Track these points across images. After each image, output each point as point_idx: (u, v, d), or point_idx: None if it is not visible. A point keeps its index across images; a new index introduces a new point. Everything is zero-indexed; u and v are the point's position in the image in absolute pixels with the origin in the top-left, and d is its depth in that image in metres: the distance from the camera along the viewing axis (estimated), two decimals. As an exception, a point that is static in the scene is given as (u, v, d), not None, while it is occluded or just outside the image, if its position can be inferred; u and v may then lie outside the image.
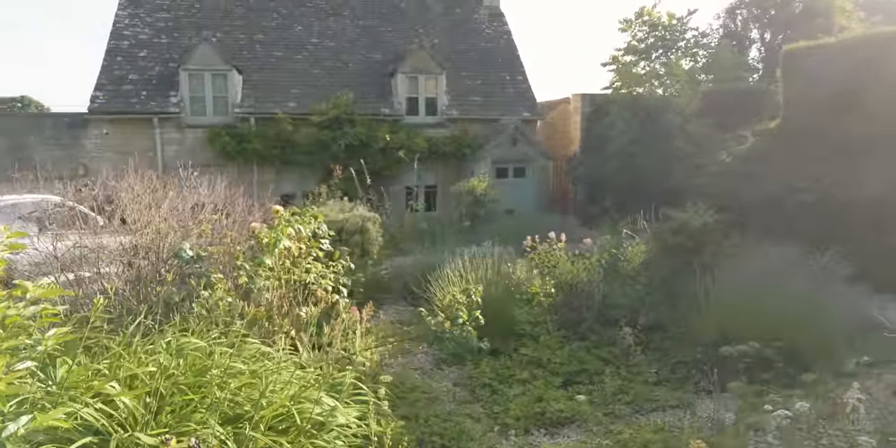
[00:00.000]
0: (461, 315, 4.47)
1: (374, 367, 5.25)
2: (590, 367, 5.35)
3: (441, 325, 4.39)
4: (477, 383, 5.14)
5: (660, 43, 15.12)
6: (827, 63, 10.70)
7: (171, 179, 6.65)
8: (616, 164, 12.81)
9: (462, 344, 4.41)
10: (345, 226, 7.56)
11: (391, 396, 4.89)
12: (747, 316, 5.21)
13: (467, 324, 4.41)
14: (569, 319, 6.31)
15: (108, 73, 14.50)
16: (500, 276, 7.03)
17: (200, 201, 6.00)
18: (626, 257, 6.53)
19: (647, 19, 15.53)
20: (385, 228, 12.02)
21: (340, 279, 4.98)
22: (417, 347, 6.28)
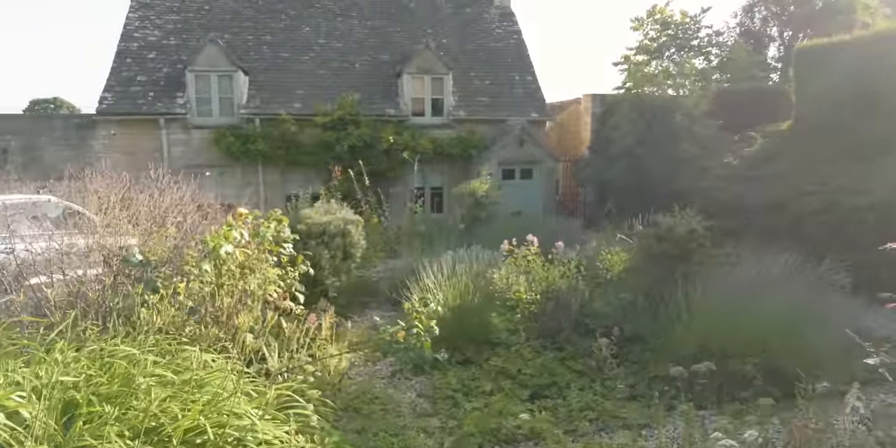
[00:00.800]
0: (416, 325, 4.29)
1: (335, 377, 5.11)
2: (561, 380, 5.11)
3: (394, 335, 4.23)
4: (441, 395, 4.96)
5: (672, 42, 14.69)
6: (841, 61, 10.25)
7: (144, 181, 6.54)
8: (621, 165, 12.47)
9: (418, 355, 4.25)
10: (327, 228, 7.43)
11: (349, 408, 4.76)
12: (728, 329, 4.91)
13: (422, 334, 4.23)
14: (549, 328, 6.07)
15: (116, 75, 14.70)
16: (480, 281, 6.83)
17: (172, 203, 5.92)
18: (604, 264, 6.25)
19: (660, 18, 15.12)
20: (383, 230, 11.98)
21: (295, 285, 4.82)
22: (386, 356, 6.12)
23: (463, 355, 5.66)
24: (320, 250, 7.27)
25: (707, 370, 4.84)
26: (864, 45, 9.89)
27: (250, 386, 3.94)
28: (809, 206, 8.02)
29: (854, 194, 7.63)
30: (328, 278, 7.32)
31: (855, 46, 10.05)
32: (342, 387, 5.06)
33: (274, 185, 15.45)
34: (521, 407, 4.64)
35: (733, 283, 5.66)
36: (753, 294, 5.36)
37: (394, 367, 5.38)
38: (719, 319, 5.03)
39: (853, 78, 9.93)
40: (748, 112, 12.62)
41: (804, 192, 8.29)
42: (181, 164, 14.84)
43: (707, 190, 9.92)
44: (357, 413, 4.63)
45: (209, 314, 4.21)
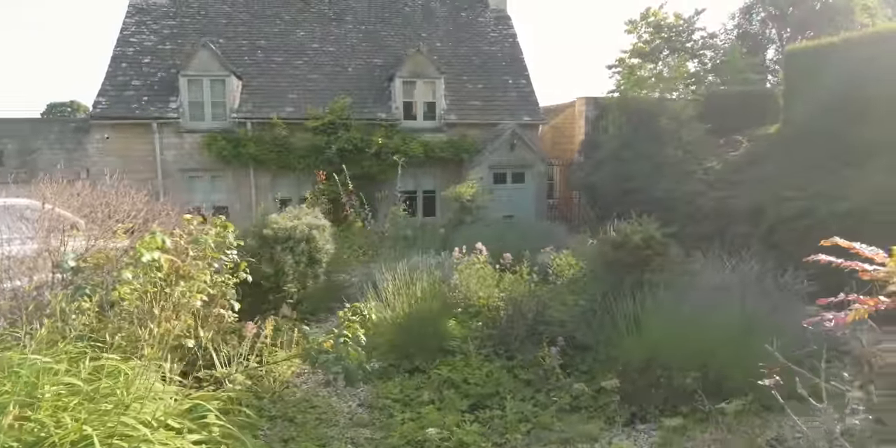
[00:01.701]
0: (345, 334, 4.24)
1: (278, 385, 5.08)
2: (504, 390, 5.02)
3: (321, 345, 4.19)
4: (380, 404, 4.90)
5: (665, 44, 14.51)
6: (830, 63, 10.05)
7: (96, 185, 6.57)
8: (608, 170, 12.33)
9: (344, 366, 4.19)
10: (293, 234, 7.42)
11: (285, 416, 4.72)
12: (675, 340, 4.79)
13: (347, 344, 4.18)
14: (506, 335, 5.99)
15: (112, 80, 14.89)
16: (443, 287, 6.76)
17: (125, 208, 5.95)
18: (553, 270, 6.14)
19: (653, 20, 14.97)
20: (366, 234, 11.96)
21: (229, 293, 4.79)
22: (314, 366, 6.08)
23: (412, 363, 5.61)
24: (284, 256, 7.26)
25: (652, 382, 4.75)
26: (853, 47, 9.68)
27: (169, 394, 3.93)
28: (786, 211, 7.84)
29: (831, 200, 7.44)
30: (293, 284, 7.30)
31: (843, 48, 9.85)
32: (283, 394, 5.02)
33: (265, 188, 15.53)
34: (457, 417, 4.56)
35: (691, 291, 5.53)
36: (708, 304, 5.22)
37: (327, 377, 5.34)
38: (668, 330, 4.90)
39: (841, 81, 9.73)
40: (738, 115, 12.41)
41: (783, 198, 8.11)
42: (174, 168, 15.04)
43: (687, 195, 9.76)
44: (291, 422, 4.59)
45: (138, 321, 4.21)
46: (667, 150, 11.26)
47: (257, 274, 7.27)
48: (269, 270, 7.28)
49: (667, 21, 15.35)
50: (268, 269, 7.28)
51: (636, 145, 11.80)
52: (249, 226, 8.24)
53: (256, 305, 7.24)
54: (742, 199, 8.79)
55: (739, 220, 8.74)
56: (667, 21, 15.35)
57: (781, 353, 4.86)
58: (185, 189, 15.21)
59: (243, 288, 7.35)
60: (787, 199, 8.01)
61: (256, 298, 7.27)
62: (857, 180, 7.73)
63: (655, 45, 14.98)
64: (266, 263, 7.33)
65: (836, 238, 3.46)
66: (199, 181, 15.36)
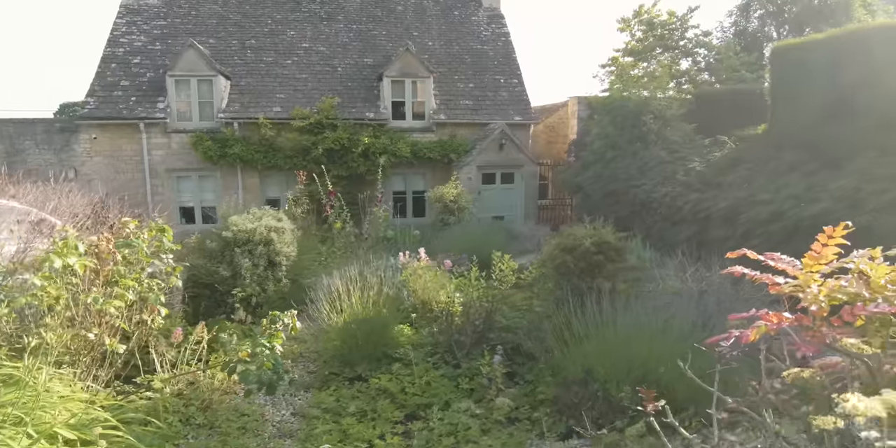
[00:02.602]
0: (263, 343, 4.13)
1: (206, 394, 4.97)
2: (440, 401, 4.87)
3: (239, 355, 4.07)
4: (312, 414, 4.78)
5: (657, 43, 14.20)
6: (814, 61, 9.75)
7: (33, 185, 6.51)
8: (594, 170, 12.11)
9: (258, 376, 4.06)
10: (252, 236, 7.32)
11: (213, 424, 4.61)
12: (612, 351, 4.61)
13: (262, 355, 4.06)
14: (456, 342, 5.84)
15: (101, 80, 14.93)
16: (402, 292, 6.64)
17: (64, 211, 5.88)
18: (497, 276, 5.96)
19: (645, 18, 14.65)
20: (345, 235, 11.84)
21: (153, 297, 4.68)
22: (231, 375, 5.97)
23: (354, 371, 5.48)
24: (241, 259, 7.17)
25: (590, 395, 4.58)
26: (837, 44, 9.36)
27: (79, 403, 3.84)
28: (759, 215, 7.59)
29: (801, 204, 7.18)
30: (251, 287, 7.20)
31: (828, 46, 9.53)
32: (218, 401, 4.91)
33: (253, 188, 15.49)
34: (384, 429, 4.43)
35: (641, 299, 5.34)
36: (655, 313, 5.03)
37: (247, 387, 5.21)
38: (606, 341, 4.72)
39: (825, 79, 9.42)
40: (729, 115, 12.12)
41: (757, 201, 7.86)
42: (161, 168, 15.06)
43: (667, 197, 9.53)
44: (216, 430, 4.48)
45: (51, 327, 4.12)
46: (652, 151, 11.02)
47: (216, 277, 7.21)
48: (227, 273, 7.20)
49: (660, 18, 15.04)
50: (225, 272, 7.21)
51: (621, 145, 11.57)
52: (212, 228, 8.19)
53: (213, 309, 7.18)
54: (720, 201, 8.55)
55: (717, 224, 8.50)
56: (660, 18, 15.04)
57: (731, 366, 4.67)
58: (173, 189, 15.25)
59: (201, 291, 7.31)
60: (761, 202, 7.75)
61: (213, 302, 7.21)
62: (832, 182, 7.46)
63: (648, 44, 14.67)
64: (224, 266, 7.25)
65: (745, 249, 3.28)
66: (186, 181, 15.37)
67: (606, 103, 12.00)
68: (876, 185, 7.00)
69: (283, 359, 6.22)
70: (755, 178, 8.82)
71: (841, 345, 2.38)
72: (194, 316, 7.01)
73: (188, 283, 7.33)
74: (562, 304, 5.51)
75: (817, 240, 2.82)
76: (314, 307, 6.14)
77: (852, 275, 2.81)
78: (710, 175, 9.54)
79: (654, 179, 10.22)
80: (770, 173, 8.99)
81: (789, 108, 10.21)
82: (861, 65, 8.86)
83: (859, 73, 8.89)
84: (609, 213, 11.39)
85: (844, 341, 2.37)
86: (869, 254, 2.90)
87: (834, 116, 9.31)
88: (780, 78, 10.52)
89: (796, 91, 10.10)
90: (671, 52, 14.63)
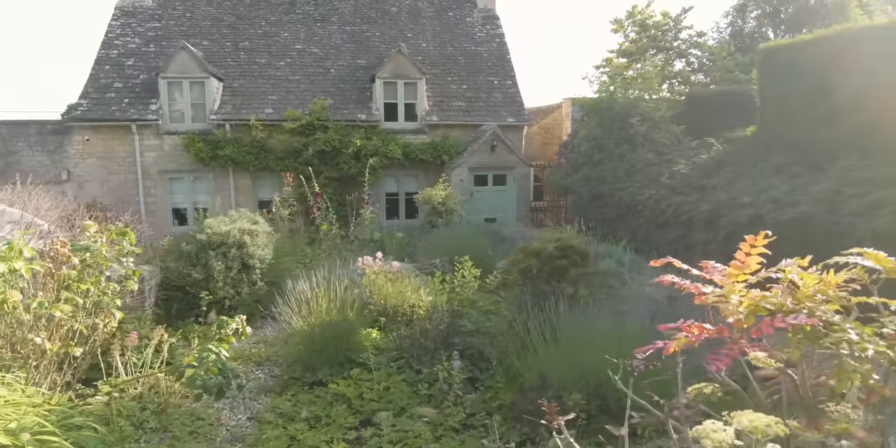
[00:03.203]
0: (210, 349, 4.10)
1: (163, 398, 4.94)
2: (395, 406, 4.83)
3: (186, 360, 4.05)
4: (267, 419, 4.75)
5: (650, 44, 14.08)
6: (801, 62, 9.64)
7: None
8: (583, 172, 12.03)
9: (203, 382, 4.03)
10: (226, 239, 7.31)
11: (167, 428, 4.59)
12: (566, 358, 4.55)
13: (206, 359, 4.04)
14: (420, 347, 5.79)
15: (94, 82, 15.01)
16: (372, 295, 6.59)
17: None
18: (458, 281, 5.90)
19: (638, 19, 14.53)
20: (331, 237, 11.82)
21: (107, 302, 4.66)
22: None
23: (315, 376, 5.45)
24: (214, 261, 7.16)
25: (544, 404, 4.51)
26: (825, 44, 9.24)
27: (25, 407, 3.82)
28: (739, 219, 7.49)
29: (780, 207, 7.07)
30: (224, 290, 7.19)
31: (816, 46, 9.41)
32: (177, 405, 4.89)
33: (246, 190, 15.53)
34: (335, 435, 4.39)
35: (603, 304, 5.27)
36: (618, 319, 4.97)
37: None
38: (562, 348, 4.66)
39: (813, 80, 9.32)
40: (720, 116, 12.00)
41: (737, 204, 7.76)
42: (154, 170, 15.12)
43: (652, 200, 9.44)
44: (169, 434, 4.46)
45: None
46: (639, 153, 10.92)
47: (188, 279, 7.21)
48: (200, 276, 7.19)
49: (653, 19, 14.90)
50: (198, 275, 7.20)
51: (609, 148, 11.48)
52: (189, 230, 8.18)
53: (185, 311, 7.17)
54: (702, 204, 8.45)
55: (700, 227, 8.40)
56: (653, 19, 14.90)
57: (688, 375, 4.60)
58: (165, 191, 15.31)
59: (174, 293, 7.30)
60: (742, 205, 7.65)
61: (186, 304, 7.21)
62: (813, 185, 7.35)
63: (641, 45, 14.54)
64: (197, 269, 7.25)
65: (670, 258, 3.21)
66: (179, 183, 15.42)
67: (594, 105, 11.91)
68: (856, 188, 6.89)
69: (249, 362, 6.23)
70: (739, 181, 8.72)
71: (751, 358, 2.31)
72: (167, 318, 7.02)
73: (162, 286, 7.34)
74: (524, 309, 5.45)
75: (740, 248, 2.74)
76: (286, 310, 6.12)
77: (782, 284, 2.74)
78: (694, 177, 9.44)
79: (640, 182, 10.13)
80: (755, 176, 8.89)
81: (778, 110, 10.10)
82: (846, 65, 8.75)
83: (844, 73, 8.78)
84: (597, 216, 11.34)
85: (752, 355, 2.29)
86: (796, 262, 2.82)
87: (822, 118, 9.20)
88: (769, 79, 10.40)
89: (785, 92, 9.99)
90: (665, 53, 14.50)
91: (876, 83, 8.27)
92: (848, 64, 8.76)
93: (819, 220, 6.39)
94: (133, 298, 6.50)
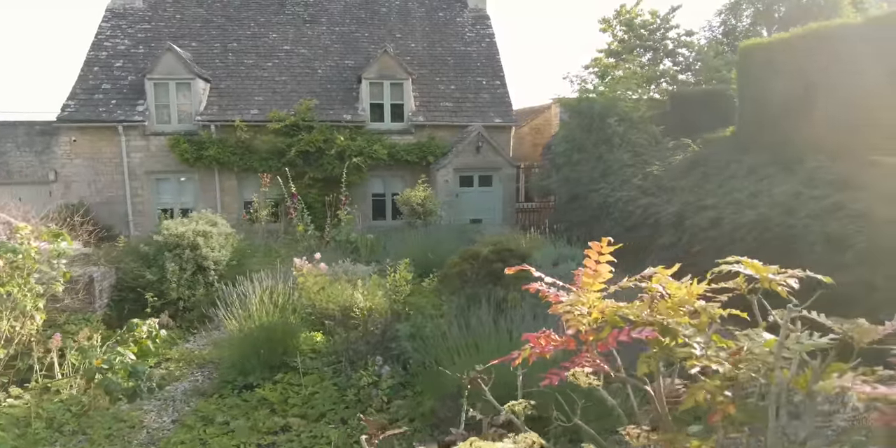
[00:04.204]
0: (119, 351, 4.07)
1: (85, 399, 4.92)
2: (317, 412, 4.76)
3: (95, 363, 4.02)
4: (188, 423, 4.70)
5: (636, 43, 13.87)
6: (778, 61, 9.44)
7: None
8: (562, 173, 11.89)
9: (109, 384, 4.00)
10: (180, 241, 7.31)
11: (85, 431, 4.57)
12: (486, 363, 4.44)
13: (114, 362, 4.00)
14: (358, 351, 5.72)
15: (83, 83, 15.15)
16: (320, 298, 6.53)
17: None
18: (391, 285, 5.80)
19: (625, 18, 14.33)
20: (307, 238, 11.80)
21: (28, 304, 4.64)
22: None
23: (245, 379, 5.40)
24: (168, 263, 7.15)
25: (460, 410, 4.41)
26: (801, 43, 9.03)
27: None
28: (700, 222, 7.33)
29: (741, 209, 6.90)
30: (176, 292, 7.18)
31: (791, 45, 9.20)
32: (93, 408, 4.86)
33: (231, 190, 15.58)
34: (252, 439, 4.33)
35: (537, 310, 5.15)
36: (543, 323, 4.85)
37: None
38: (484, 352, 4.56)
39: (790, 79, 9.11)
40: (703, 116, 11.79)
41: (702, 206, 7.59)
42: (141, 171, 15.22)
43: (619, 201, 9.29)
44: (85, 436, 4.44)
45: None
46: (616, 154, 10.77)
47: (141, 281, 7.20)
48: (153, 277, 7.18)
49: (641, 18, 14.68)
50: (151, 276, 7.19)
51: (587, 148, 11.33)
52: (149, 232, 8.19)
53: (137, 312, 7.17)
54: (669, 206, 8.29)
55: (667, 229, 8.24)
56: (641, 18, 14.68)
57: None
58: (152, 191, 15.41)
59: (128, 294, 7.30)
60: (706, 207, 7.49)
61: (139, 305, 7.20)
62: (778, 187, 7.17)
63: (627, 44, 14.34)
64: (151, 270, 7.24)
65: (525, 264, 3.11)
66: (166, 183, 15.52)
67: (573, 105, 11.77)
68: (817, 190, 6.71)
69: (192, 364, 6.20)
70: (709, 182, 8.55)
71: (569, 375, 2.20)
72: (118, 320, 7.02)
73: (117, 287, 7.35)
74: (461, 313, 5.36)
75: (588, 256, 2.64)
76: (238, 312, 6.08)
77: (647, 294, 2.63)
78: (666, 179, 9.28)
79: (613, 183, 9.98)
80: (727, 177, 8.70)
81: (755, 110, 9.90)
82: (822, 65, 8.55)
83: (820, 73, 8.58)
84: (573, 218, 11.20)
85: (572, 371, 2.19)
86: (660, 270, 2.71)
87: (797, 118, 9.01)
88: (747, 78, 10.20)
89: (762, 92, 9.79)
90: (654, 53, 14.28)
91: (850, 83, 8.06)
92: (823, 63, 8.55)
93: (775, 222, 6.22)
94: (80, 300, 6.51)
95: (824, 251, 5.70)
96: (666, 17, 14.93)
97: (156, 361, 6.19)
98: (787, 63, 9.22)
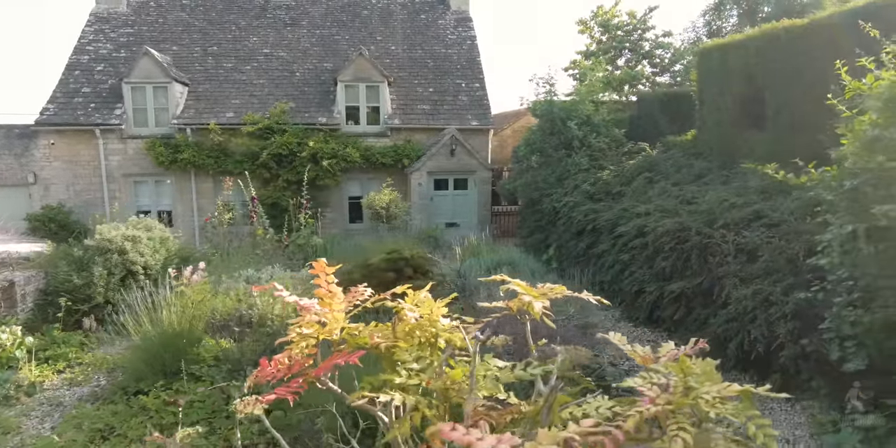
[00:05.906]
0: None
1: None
2: (189, 420, 4.72)
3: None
4: (65, 429, 4.70)
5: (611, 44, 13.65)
6: (733, 63, 9.25)
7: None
8: (526, 177, 11.75)
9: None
10: (109, 245, 7.35)
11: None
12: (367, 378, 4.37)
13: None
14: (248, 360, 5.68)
15: (63, 87, 15.39)
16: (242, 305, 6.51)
17: None
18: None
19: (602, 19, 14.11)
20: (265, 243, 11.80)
21: None
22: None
23: (138, 386, 5.39)
24: (94, 267, 7.19)
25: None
26: (754, 44, 8.80)
27: None
28: (629, 230, 7.16)
29: (665, 217, 6.72)
30: (102, 296, 7.22)
31: (746, 46, 8.97)
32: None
33: (207, 193, 15.68)
34: (120, 447, 4.32)
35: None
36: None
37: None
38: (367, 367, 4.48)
39: (745, 81, 8.90)
40: (669, 119, 11.57)
41: (634, 214, 7.42)
42: (119, 174, 15.41)
43: (565, 206, 9.15)
44: (-47, 446, 4.46)
45: None
46: (575, 158, 10.60)
47: (67, 285, 7.25)
48: (79, 282, 7.23)
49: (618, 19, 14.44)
50: (78, 280, 7.24)
51: (548, 152, 11.18)
52: (89, 236, 8.24)
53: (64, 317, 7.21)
54: (607, 213, 8.12)
55: (604, 236, 8.08)
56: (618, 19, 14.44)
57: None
58: (130, 194, 15.59)
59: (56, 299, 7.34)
60: (637, 214, 7.32)
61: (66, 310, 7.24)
62: (713, 193, 6.97)
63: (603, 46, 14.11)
64: (78, 274, 7.29)
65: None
66: (143, 186, 15.69)
67: (536, 108, 11.63)
68: (743, 198, 6.51)
69: (101, 369, 6.21)
70: (653, 188, 8.36)
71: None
72: (44, 323, 7.09)
73: (45, 291, 7.42)
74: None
75: (318, 276, 2.54)
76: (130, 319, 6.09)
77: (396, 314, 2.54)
78: (614, 184, 9.10)
79: (566, 188, 9.83)
80: (673, 183, 8.50)
81: (713, 113, 9.68)
82: (773, 67, 8.32)
83: (771, 75, 8.35)
84: (531, 223, 11.06)
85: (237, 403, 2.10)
86: (405, 290, 2.60)
87: (750, 122, 8.79)
88: (705, 80, 9.99)
89: (720, 94, 9.58)
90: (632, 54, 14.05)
91: (794, 84, 7.82)
92: (772, 65, 8.33)
93: (692, 232, 6.04)
94: (-1, 304, 6.56)
95: (735, 263, 5.52)
96: (643, 18, 14.68)
97: (65, 365, 6.24)
98: (739, 65, 9.00)
